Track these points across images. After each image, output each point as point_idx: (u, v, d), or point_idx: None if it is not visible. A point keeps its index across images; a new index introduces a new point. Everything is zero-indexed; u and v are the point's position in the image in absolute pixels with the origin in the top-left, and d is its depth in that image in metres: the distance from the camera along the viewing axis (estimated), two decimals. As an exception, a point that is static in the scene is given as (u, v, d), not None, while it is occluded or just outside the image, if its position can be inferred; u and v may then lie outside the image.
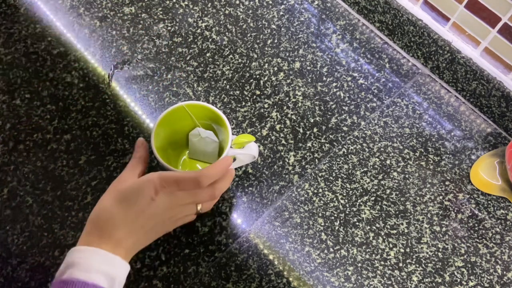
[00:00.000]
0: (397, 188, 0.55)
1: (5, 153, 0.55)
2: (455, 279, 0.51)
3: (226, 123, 0.47)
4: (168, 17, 0.65)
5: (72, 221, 0.52)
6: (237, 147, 0.49)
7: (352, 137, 0.58)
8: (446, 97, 0.61)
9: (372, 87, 0.61)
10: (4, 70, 0.60)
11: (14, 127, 0.56)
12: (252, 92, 0.60)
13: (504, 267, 0.52)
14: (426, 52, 0.61)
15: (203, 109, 0.49)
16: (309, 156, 0.56)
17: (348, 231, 0.53)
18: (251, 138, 0.49)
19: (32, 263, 0.50)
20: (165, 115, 0.47)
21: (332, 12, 0.66)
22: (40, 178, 0.54)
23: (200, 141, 0.50)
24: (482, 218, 0.54)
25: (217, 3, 0.66)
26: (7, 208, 0.52)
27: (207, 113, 0.49)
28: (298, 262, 0.51)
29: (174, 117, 0.48)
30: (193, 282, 0.50)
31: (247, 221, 0.53)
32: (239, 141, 0.49)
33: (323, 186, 0.55)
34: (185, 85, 0.60)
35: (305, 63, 0.62)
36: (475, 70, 0.56)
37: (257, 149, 0.51)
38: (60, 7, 0.65)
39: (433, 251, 0.52)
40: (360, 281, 0.50)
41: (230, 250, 0.51)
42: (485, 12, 0.53)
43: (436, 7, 0.58)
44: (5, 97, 0.58)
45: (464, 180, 0.56)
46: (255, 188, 0.54)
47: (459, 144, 0.58)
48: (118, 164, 0.55)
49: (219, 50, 0.63)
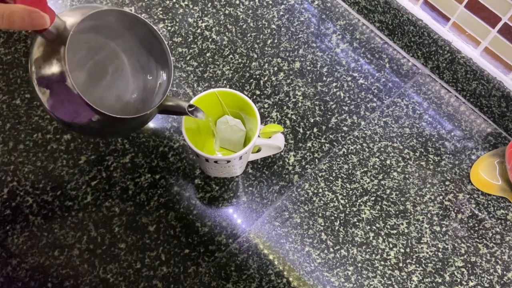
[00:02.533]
0: (397, 188, 0.55)
1: (5, 153, 0.55)
2: (455, 279, 0.51)
3: (256, 112, 0.47)
4: (168, 17, 0.65)
5: (72, 221, 0.52)
6: (264, 137, 0.50)
7: (352, 137, 0.58)
8: (446, 97, 0.61)
9: (372, 87, 0.61)
10: (4, 70, 0.60)
11: (14, 127, 0.56)
12: (252, 92, 0.60)
13: (504, 267, 0.52)
14: (426, 52, 0.61)
15: (233, 97, 0.49)
16: (309, 156, 0.56)
17: (348, 231, 0.53)
18: (279, 128, 0.49)
19: (32, 263, 0.50)
20: (196, 100, 0.48)
21: (332, 12, 0.66)
22: (40, 178, 0.54)
23: (228, 129, 0.50)
24: (482, 218, 0.54)
25: (217, 3, 0.66)
26: (7, 208, 0.52)
27: (237, 101, 0.49)
28: (298, 262, 0.51)
29: (205, 103, 0.49)
30: (193, 282, 0.50)
31: (247, 221, 0.53)
32: (267, 131, 0.49)
33: (323, 186, 0.55)
34: (185, 85, 0.60)
35: (305, 63, 0.62)
36: (475, 70, 0.56)
37: (283, 140, 0.51)
38: (60, 7, 0.65)
39: (433, 251, 0.52)
40: (360, 281, 0.50)
41: (230, 250, 0.51)
42: (485, 12, 0.53)
43: (436, 7, 0.58)
44: (5, 97, 0.58)
45: (464, 180, 0.56)
46: (255, 188, 0.54)
47: (459, 144, 0.58)
48: (118, 164, 0.55)
49: (219, 50, 0.63)
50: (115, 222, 0.52)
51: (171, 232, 0.52)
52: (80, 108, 0.38)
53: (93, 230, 0.51)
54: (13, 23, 0.33)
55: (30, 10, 0.33)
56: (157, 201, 0.53)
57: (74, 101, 0.37)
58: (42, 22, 0.34)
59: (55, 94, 0.38)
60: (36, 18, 0.34)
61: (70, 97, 0.37)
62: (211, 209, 0.53)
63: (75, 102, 0.37)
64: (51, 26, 0.35)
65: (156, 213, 0.52)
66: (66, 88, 0.37)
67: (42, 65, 0.37)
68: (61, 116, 0.39)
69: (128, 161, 0.55)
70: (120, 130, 0.44)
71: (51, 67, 0.36)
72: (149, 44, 0.44)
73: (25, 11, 0.33)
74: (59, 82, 0.37)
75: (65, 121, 0.39)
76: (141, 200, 0.53)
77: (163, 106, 0.43)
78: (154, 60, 0.46)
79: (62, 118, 0.39)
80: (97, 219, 0.52)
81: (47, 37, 0.36)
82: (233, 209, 0.53)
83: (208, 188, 0.54)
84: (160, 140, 0.56)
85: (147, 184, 0.54)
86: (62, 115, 0.39)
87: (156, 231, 0.52)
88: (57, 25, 0.36)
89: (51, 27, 0.35)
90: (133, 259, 0.50)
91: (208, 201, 0.54)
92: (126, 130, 0.47)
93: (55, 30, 0.36)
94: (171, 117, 0.58)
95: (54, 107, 0.38)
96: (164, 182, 0.54)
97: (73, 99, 0.37)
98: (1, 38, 0.62)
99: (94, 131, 0.41)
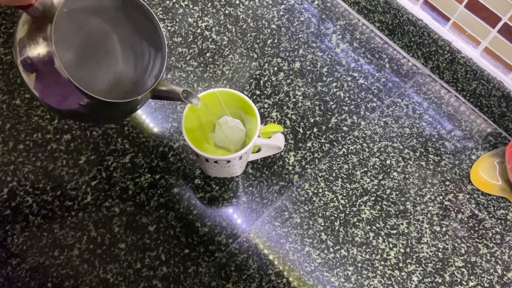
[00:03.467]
0: (397, 188, 0.55)
1: (5, 153, 0.55)
2: (455, 279, 0.51)
3: (256, 112, 0.47)
4: (168, 17, 0.64)
5: (72, 221, 0.52)
6: (264, 137, 0.50)
7: (352, 137, 0.58)
8: (446, 97, 0.61)
9: (372, 87, 0.61)
10: (4, 70, 0.60)
11: (14, 127, 0.56)
12: (252, 92, 0.60)
13: (504, 267, 0.52)
14: (426, 52, 0.61)
15: (233, 97, 0.49)
16: (309, 156, 0.56)
17: (348, 231, 0.53)
18: (279, 128, 0.49)
19: (32, 263, 0.50)
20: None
21: (332, 12, 0.66)
22: (40, 178, 0.54)
23: (227, 129, 0.50)
24: (482, 218, 0.54)
25: (217, 3, 0.66)
26: (7, 208, 0.52)
27: (237, 101, 0.49)
28: (298, 262, 0.51)
29: (205, 103, 0.49)
30: (193, 282, 0.50)
31: (247, 221, 0.53)
32: (267, 131, 0.49)
33: (323, 186, 0.55)
34: (185, 85, 0.60)
35: (305, 63, 0.62)
36: (475, 70, 0.56)
37: (283, 140, 0.51)
38: (60, 7, 0.65)
39: (433, 251, 0.52)
40: (360, 281, 0.50)
41: (230, 250, 0.51)
42: (485, 12, 0.53)
43: (436, 7, 0.58)
44: (5, 97, 0.58)
45: (464, 180, 0.56)
46: (255, 188, 0.54)
47: (459, 144, 0.58)
48: (118, 164, 0.55)
49: (219, 50, 0.63)
50: (115, 222, 0.52)
51: (171, 232, 0.52)
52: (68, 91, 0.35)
53: (93, 230, 0.51)
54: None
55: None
56: (157, 201, 0.53)
57: (62, 84, 0.35)
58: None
59: (41, 76, 0.35)
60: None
61: (57, 80, 0.35)
62: (211, 209, 0.53)
63: (63, 85, 0.35)
64: (37, 2, 0.33)
65: (156, 213, 0.52)
66: (53, 70, 0.34)
67: (28, 45, 0.35)
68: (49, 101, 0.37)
69: (128, 161, 0.55)
70: (112, 115, 0.42)
71: (36, 47, 0.34)
72: (143, 26, 0.42)
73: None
74: (46, 63, 0.34)
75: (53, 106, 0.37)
76: (141, 200, 0.53)
77: (156, 90, 0.41)
78: (147, 43, 0.43)
79: (50, 103, 0.37)
80: (97, 219, 0.52)
81: (33, 14, 0.34)
82: (233, 209, 0.53)
83: (208, 188, 0.54)
84: (160, 140, 0.56)
85: (147, 184, 0.54)
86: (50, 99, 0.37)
87: (156, 231, 0.52)
88: (43, 1, 0.33)
89: (37, 3, 0.33)
90: (133, 259, 0.50)
91: (208, 201, 0.54)
92: (119, 116, 0.45)
93: (41, 7, 0.33)
94: (171, 117, 0.58)
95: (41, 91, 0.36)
96: (164, 182, 0.54)
97: (61, 82, 0.35)
98: (1, 38, 0.62)
99: (86, 116, 0.39)
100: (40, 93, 0.36)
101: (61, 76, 0.34)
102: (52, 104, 0.37)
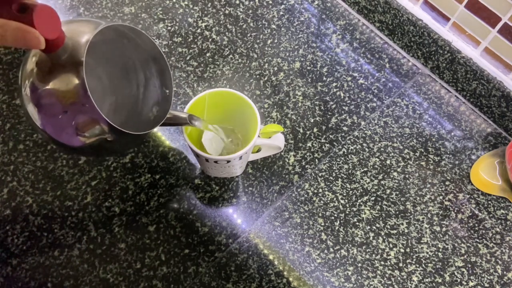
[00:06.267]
0: (397, 188, 0.55)
1: (5, 153, 0.55)
2: (455, 279, 0.51)
3: (256, 112, 0.47)
4: (168, 17, 0.64)
5: (72, 221, 0.52)
6: (264, 137, 0.50)
7: (352, 137, 0.58)
8: (446, 97, 0.61)
9: (372, 87, 0.61)
10: (4, 70, 0.60)
11: (14, 127, 0.56)
12: (252, 92, 0.60)
13: (504, 267, 0.52)
14: (426, 52, 0.61)
15: (233, 97, 0.49)
16: (309, 156, 0.56)
17: (348, 231, 0.53)
18: (279, 128, 0.49)
19: (32, 263, 0.50)
20: (191, 105, 0.48)
21: (332, 12, 0.66)
22: (40, 178, 0.54)
23: (212, 141, 0.51)
24: (482, 218, 0.54)
25: (217, 3, 0.66)
26: (7, 208, 0.52)
27: (237, 101, 0.49)
28: (298, 262, 0.51)
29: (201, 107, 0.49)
30: (193, 282, 0.50)
31: (247, 221, 0.53)
32: (267, 131, 0.49)
33: (323, 186, 0.55)
34: (185, 85, 0.60)
35: (305, 63, 0.62)
36: (475, 70, 0.56)
37: (283, 140, 0.51)
38: (60, 7, 0.65)
39: (433, 251, 0.52)
40: (360, 281, 0.50)
41: (230, 250, 0.51)
42: (485, 12, 0.53)
43: (436, 7, 0.58)
44: (5, 97, 0.58)
45: (464, 180, 0.56)
46: (255, 188, 0.54)
47: (459, 144, 0.58)
48: (118, 164, 0.55)
49: (219, 50, 0.63)
50: (115, 222, 0.52)
51: (171, 232, 0.52)
52: (98, 126, 0.36)
53: (93, 230, 0.51)
54: (5, 40, 0.31)
55: (25, 30, 0.31)
56: (157, 201, 0.53)
57: (96, 121, 0.36)
58: (36, 43, 0.32)
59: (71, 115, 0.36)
60: (30, 39, 0.32)
61: (92, 118, 0.35)
62: (211, 209, 0.53)
63: (95, 122, 0.36)
64: (61, 49, 0.34)
65: (156, 213, 0.52)
66: (85, 110, 0.35)
67: (51, 86, 0.35)
68: (67, 140, 0.37)
69: (128, 161, 0.55)
70: (117, 147, 0.43)
71: (67, 89, 0.35)
72: (152, 61, 0.44)
73: (18, 30, 0.31)
74: (76, 104, 0.35)
75: (73, 145, 0.38)
76: (141, 200, 0.53)
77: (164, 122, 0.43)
78: (156, 76, 0.45)
79: (69, 142, 0.37)
80: (97, 219, 0.52)
81: (58, 57, 0.34)
82: (233, 209, 0.53)
83: (208, 188, 0.54)
84: (160, 140, 0.56)
85: (147, 184, 0.54)
86: (68, 138, 0.37)
87: (156, 231, 0.52)
88: (65, 46, 0.34)
89: (60, 49, 0.34)
90: (133, 259, 0.50)
91: (208, 201, 0.54)
92: (123, 147, 0.46)
93: (64, 52, 0.34)
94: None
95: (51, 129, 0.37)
96: (164, 182, 0.54)
97: (94, 119, 0.35)
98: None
99: (104, 150, 0.40)
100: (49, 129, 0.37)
101: (97, 114, 0.35)
102: (58, 138, 0.38)
